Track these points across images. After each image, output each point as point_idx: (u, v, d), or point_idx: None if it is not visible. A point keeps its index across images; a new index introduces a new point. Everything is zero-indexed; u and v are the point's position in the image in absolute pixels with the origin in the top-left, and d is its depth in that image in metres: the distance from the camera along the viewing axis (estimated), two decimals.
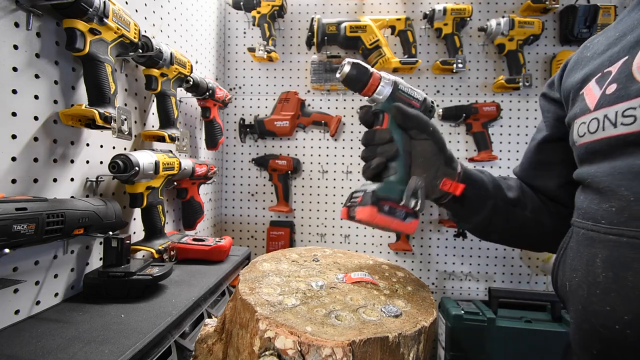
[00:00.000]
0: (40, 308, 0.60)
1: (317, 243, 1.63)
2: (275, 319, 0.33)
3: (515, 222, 0.53)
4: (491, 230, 0.54)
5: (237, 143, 1.64)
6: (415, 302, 0.41)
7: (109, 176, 0.73)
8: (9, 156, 0.54)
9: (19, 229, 0.47)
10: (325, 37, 1.49)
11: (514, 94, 1.55)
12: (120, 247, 0.65)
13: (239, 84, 1.64)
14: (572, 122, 0.43)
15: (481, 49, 1.56)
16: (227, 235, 1.05)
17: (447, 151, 0.49)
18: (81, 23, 0.60)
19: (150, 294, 0.67)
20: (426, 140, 0.48)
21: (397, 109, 0.48)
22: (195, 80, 1.06)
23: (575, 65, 0.47)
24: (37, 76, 0.59)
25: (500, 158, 1.55)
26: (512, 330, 1.24)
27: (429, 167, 0.48)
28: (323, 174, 1.62)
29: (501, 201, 0.52)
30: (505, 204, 0.52)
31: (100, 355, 0.46)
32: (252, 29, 1.60)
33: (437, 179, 0.48)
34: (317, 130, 1.61)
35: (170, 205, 1.08)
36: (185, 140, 0.96)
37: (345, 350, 0.30)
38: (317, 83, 1.55)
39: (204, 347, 0.43)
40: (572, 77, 0.46)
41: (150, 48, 0.81)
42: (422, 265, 1.59)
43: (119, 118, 0.66)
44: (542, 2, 1.46)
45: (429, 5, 1.55)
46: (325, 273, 0.47)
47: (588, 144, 0.40)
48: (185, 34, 1.19)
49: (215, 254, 0.92)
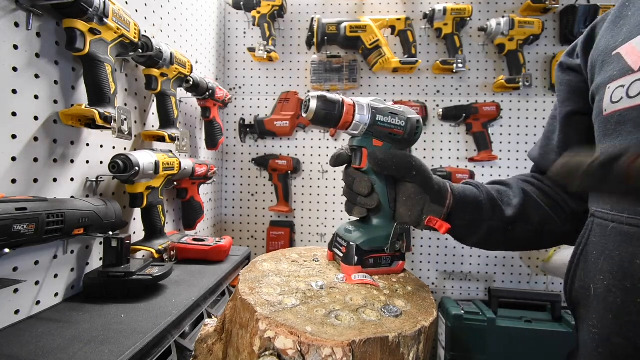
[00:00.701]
0: (40, 308, 0.60)
1: (317, 243, 1.63)
2: (275, 319, 0.33)
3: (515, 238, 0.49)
4: (490, 246, 0.51)
5: (237, 143, 1.64)
6: (415, 302, 0.41)
7: (109, 176, 0.73)
8: (9, 156, 0.54)
9: (19, 229, 0.47)
10: (325, 37, 1.49)
11: (514, 93, 1.55)
12: (120, 247, 0.65)
13: (239, 84, 1.64)
14: (604, 87, 0.37)
15: (481, 49, 1.56)
16: (227, 235, 1.05)
17: (433, 187, 0.46)
18: (81, 23, 0.60)
19: (150, 294, 0.67)
20: (409, 183, 0.46)
21: (373, 162, 0.44)
22: (195, 80, 1.06)
23: (612, 25, 0.40)
24: (37, 76, 0.59)
25: (500, 158, 1.55)
26: (512, 330, 1.24)
27: (414, 206, 0.46)
28: (323, 174, 1.62)
29: (498, 221, 0.48)
30: (503, 223, 0.48)
31: (100, 355, 0.46)
32: (252, 29, 1.60)
33: (423, 215, 0.46)
34: (317, 130, 1.61)
35: (170, 205, 1.08)
36: (185, 140, 0.96)
37: (345, 350, 0.30)
38: (317, 83, 1.55)
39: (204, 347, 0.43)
40: (609, 36, 0.40)
41: (150, 48, 0.81)
42: (422, 265, 1.59)
43: (119, 118, 0.66)
44: (542, 2, 1.46)
45: (429, 5, 1.55)
46: (325, 273, 0.47)
47: (623, 111, 0.34)
48: (185, 34, 1.19)
49: (215, 254, 0.92)
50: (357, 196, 0.47)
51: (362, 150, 0.46)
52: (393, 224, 0.47)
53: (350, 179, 0.48)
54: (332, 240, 0.52)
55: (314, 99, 0.42)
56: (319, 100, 0.42)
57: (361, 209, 0.48)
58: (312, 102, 0.42)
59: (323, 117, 0.42)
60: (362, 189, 0.46)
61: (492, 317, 1.27)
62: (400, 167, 0.44)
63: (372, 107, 0.44)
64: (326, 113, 0.42)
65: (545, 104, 1.54)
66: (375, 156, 0.44)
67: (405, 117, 0.46)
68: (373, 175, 0.47)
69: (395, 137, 0.46)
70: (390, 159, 0.44)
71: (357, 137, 0.46)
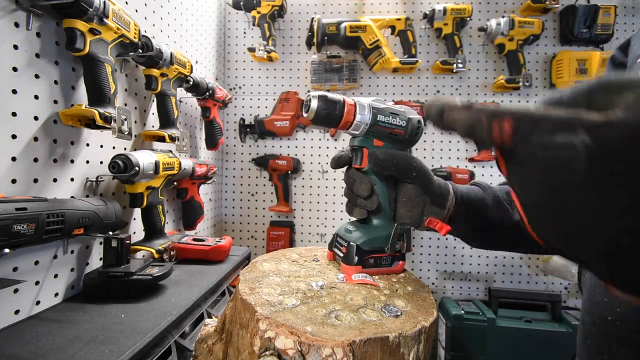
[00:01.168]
0: (40, 308, 0.60)
1: (317, 243, 1.63)
2: (276, 319, 0.33)
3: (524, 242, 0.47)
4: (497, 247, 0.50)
5: (237, 143, 1.64)
6: (415, 302, 0.41)
7: (109, 176, 0.73)
8: (9, 156, 0.54)
9: (19, 229, 0.47)
10: (325, 37, 1.49)
11: (514, 94, 1.55)
12: (120, 247, 0.65)
13: (239, 84, 1.64)
14: None
15: (481, 49, 1.56)
16: (227, 235, 1.05)
17: (434, 189, 0.45)
18: (81, 23, 0.60)
19: (150, 294, 0.67)
20: (409, 184, 0.46)
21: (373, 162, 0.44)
22: (195, 80, 1.06)
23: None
24: (37, 76, 0.59)
25: None
26: (512, 330, 1.24)
27: (414, 207, 0.46)
28: (323, 174, 1.62)
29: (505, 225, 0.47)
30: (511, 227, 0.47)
31: (100, 355, 0.46)
32: (252, 29, 1.60)
33: (424, 217, 0.46)
34: (317, 130, 1.61)
35: (170, 205, 1.08)
36: (185, 140, 0.96)
37: (346, 350, 0.30)
38: (317, 83, 1.55)
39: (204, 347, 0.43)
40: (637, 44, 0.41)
41: (150, 48, 0.81)
42: (422, 266, 1.59)
43: (119, 118, 0.66)
44: (542, 2, 1.46)
45: (429, 5, 1.55)
46: (325, 273, 0.47)
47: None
48: (185, 34, 1.19)
49: (215, 254, 0.92)
50: (357, 197, 0.47)
51: (362, 151, 0.46)
52: (393, 224, 0.47)
53: (351, 180, 0.48)
54: (332, 240, 0.52)
55: (314, 99, 0.42)
56: (320, 99, 0.42)
57: (361, 210, 0.48)
58: (313, 102, 0.42)
59: (324, 117, 0.42)
60: (361, 191, 0.46)
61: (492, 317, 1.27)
62: (400, 167, 0.44)
63: (373, 107, 0.44)
64: (327, 113, 0.42)
65: None
66: (375, 156, 0.44)
67: (407, 117, 0.46)
68: (373, 176, 0.47)
69: (396, 138, 0.46)
70: (390, 159, 0.44)
71: (358, 137, 0.46)
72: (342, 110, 0.42)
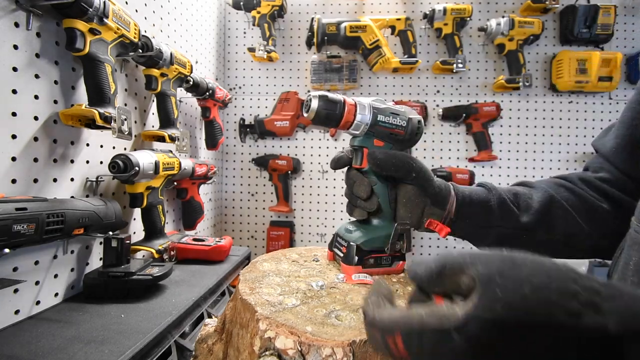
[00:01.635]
0: (40, 308, 0.60)
1: (317, 243, 1.63)
2: (276, 319, 0.33)
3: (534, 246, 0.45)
4: None
5: (237, 143, 1.64)
6: None
7: (109, 176, 0.73)
8: (9, 156, 0.54)
9: (19, 229, 0.47)
10: (325, 37, 1.49)
11: (514, 93, 1.55)
12: (120, 247, 0.65)
13: (239, 84, 1.64)
14: None
15: (481, 49, 1.56)
16: (227, 235, 1.05)
17: (434, 190, 0.45)
18: (81, 23, 0.60)
19: (150, 294, 0.67)
20: (409, 185, 0.45)
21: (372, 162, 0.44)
22: (195, 80, 1.06)
23: None
24: (37, 76, 0.59)
25: (500, 158, 1.55)
26: None
27: (414, 208, 0.46)
28: (323, 174, 1.62)
29: (511, 228, 0.46)
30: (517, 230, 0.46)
31: (100, 355, 0.46)
32: (252, 29, 1.60)
33: (424, 218, 0.46)
34: (317, 130, 1.61)
35: (170, 205, 1.08)
36: (185, 140, 0.96)
37: (346, 350, 0.30)
38: (317, 83, 1.55)
39: (204, 347, 0.43)
40: None
41: (150, 48, 0.81)
42: None
43: (119, 118, 0.66)
44: (542, 2, 1.46)
45: (429, 5, 1.55)
46: (326, 273, 0.47)
47: None
48: (185, 34, 1.19)
49: (215, 254, 0.92)
50: (357, 198, 0.47)
51: (362, 151, 0.46)
52: (393, 225, 0.47)
53: (351, 181, 0.48)
54: (332, 240, 0.52)
55: (315, 99, 0.42)
56: (320, 99, 0.42)
57: (361, 211, 0.48)
58: (313, 102, 0.42)
59: (324, 117, 0.42)
60: (361, 193, 0.46)
61: None
62: (399, 168, 0.44)
63: (374, 107, 0.44)
64: (327, 113, 0.42)
65: (545, 104, 1.55)
66: (374, 156, 0.44)
67: (407, 117, 0.46)
68: (373, 176, 0.47)
69: (396, 138, 0.46)
70: (390, 159, 0.44)
71: (358, 137, 0.46)
72: (343, 110, 0.42)
